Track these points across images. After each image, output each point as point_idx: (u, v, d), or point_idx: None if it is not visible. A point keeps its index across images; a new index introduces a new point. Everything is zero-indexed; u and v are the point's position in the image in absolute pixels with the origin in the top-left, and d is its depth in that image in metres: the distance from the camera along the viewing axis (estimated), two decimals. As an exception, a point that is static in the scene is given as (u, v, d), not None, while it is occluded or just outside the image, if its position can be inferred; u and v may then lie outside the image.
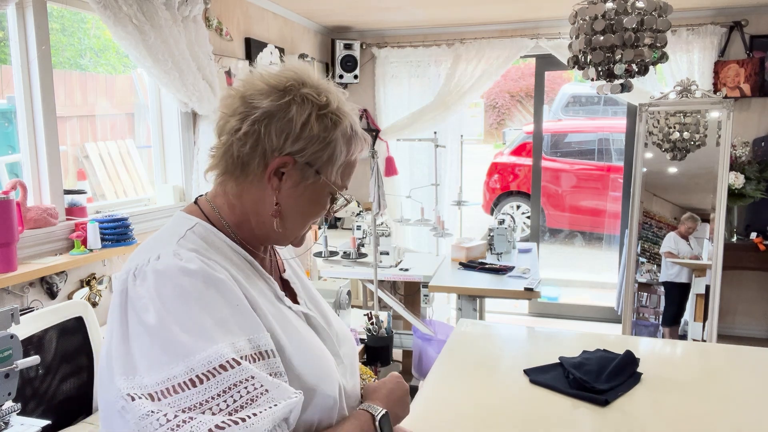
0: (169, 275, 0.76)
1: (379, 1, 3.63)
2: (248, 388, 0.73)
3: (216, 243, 0.86)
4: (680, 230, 3.60)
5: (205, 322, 0.74)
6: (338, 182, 0.89)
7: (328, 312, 1.03)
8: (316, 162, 0.86)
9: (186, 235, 0.84)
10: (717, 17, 3.89)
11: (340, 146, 0.86)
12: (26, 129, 2.21)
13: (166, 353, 0.72)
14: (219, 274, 0.79)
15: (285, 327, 0.85)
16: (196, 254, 0.80)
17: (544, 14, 3.99)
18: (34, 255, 2.13)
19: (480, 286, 3.03)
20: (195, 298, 0.75)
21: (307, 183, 0.87)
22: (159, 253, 0.79)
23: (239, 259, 0.88)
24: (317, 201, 0.89)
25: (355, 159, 0.91)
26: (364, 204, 4.39)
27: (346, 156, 0.88)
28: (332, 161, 0.87)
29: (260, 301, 0.84)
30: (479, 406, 1.47)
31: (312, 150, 0.85)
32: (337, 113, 0.86)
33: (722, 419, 1.39)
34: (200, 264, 0.78)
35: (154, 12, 2.45)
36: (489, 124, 11.65)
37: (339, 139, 0.86)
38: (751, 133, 3.96)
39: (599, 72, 2.32)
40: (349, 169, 0.91)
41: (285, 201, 0.87)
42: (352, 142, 0.89)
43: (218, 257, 0.83)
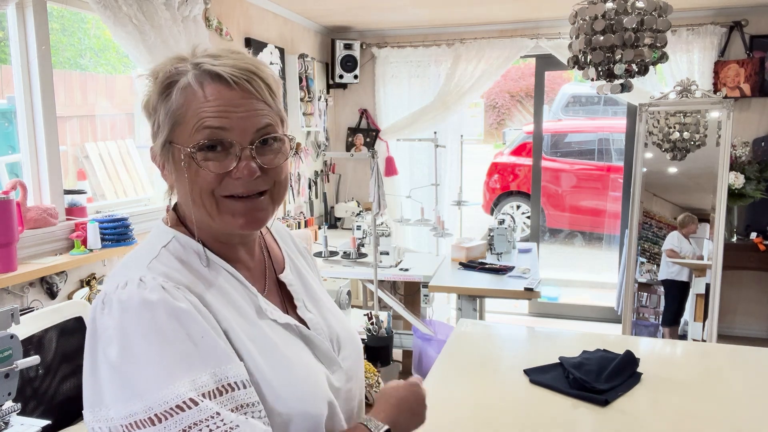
0: (132, 307, 0.72)
1: (379, 1, 3.63)
2: (210, 427, 0.69)
3: (191, 260, 0.81)
4: (682, 231, 3.60)
5: (165, 358, 0.71)
6: (182, 138, 0.78)
7: (329, 313, 0.97)
8: (159, 134, 0.81)
9: (159, 255, 0.80)
10: (717, 17, 3.89)
11: (159, 107, 0.80)
12: (26, 129, 2.21)
13: (125, 389, 0.70)
14: (182, 304, 0.74)
15: (263, 347, 0.80)
16: (164, 279, 0.75)
17: (544, 14, 3.99)
18: (34, 255, 2.13)
19: (480, 286, 3.03)
20: (156, 333, 0.71)
21: (169, 156, 0.81)
22: (127, 279, 0.75)
23: (217, 273, 0.82)
24: (183, 168, 0.79)
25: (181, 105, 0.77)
26: (364, 204, 4.39)
27: (167, 108, 0.78)
28: (164, 124, 0.79)
29: (233, 324, 0.79)
30: (479, 406, 1.47)
31: (151, 129, 0.83)
32: (154, 79, 0.81)
33: (722, 419, 1.39)
34: (162, 294, 0.73)
35: (154, 12, 2.46)
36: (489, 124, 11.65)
37: (159, 100, 0.79)
38: (751, 133, 3.96)
39: (599, 72, 2.32)
40: (185, 118, 0.77)
41: (175, 186, 0.85)
42: (169, 91, 0.79)
43: (190, 277, 0.79)
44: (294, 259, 0.99)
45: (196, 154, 0.76)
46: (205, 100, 0.76)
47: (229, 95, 0.76)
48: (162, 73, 0.78)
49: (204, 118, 0.75)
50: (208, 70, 0.76)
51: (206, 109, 0.76)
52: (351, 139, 4.63)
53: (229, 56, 0.78)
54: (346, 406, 0.91)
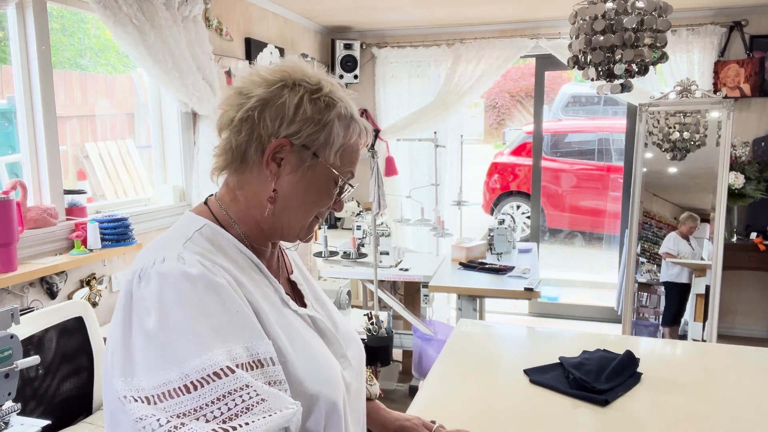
0: (171, 279, 0.76)
1: (379, 1, 3.63)
2: (243, 397, 0.72)
3: (222, 245, 0.86)
4: (681, 230, 3.60)
5: (202, 328, 0.74)
6: (338, 165, 0.88)
7: (334, 314, 1.02)
8: (313, 144, 0.85)
9: (193, 237, 0.84)
10: (717, 17, 3.89)
11: (336, 128, 0.86)
12: (26, 129, 2.21)
13: (162, 358, 0.72)
14: (220, 279, 0.78)
15: (289, 332, 0.85)
16: (200, 257, 0.80)
17: (544, 14, 3.99)
18: (34, 255, 2.13)
19: (480, 286, 3.03)
20: (194, 304, 0.75)
21: (306, 167, 0.86)
22: (164, 255, 0.79)
23: (245, 261, 0.87)
24: (319, 187, 0.88)
25: (354, 143, 0.90)
26: (364, 204, 4.39)
27: (343, 138, 0.87)
28: (329, 143, 0.86)
29: (264, 306, 0.84)
30: (479, 406, 1.47)
31: (307, 132, 0.85)
32: (331, 96, 0.86)
33: (722, 419, 1.39)
34: (201, 269, 0.78)
35: (154, 12, 2.46)
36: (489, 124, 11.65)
37: (335, 121, 0.86)
38: (751, 133, 3.96)
39: (599, 72, 2.32)
40: (349, 152, 0.89)
41: (285, 188, 0.87)
42: (350, 125, 0.89)
43: (223, 260, 0.83)
44: (298, 263, 1.06)
45: (340, 179, 0.89)
46: (359, 148, 0.92)
47: (361, 152, 0.94)
48: (346, 105, 0.89)
49: (353, 160, 0.91)
50: (361, 132, 0.92)
51: (356, 156, 0.92)
52: (351, 139, 4.63)
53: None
54: (357, 405, 0.95)
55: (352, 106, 0.90)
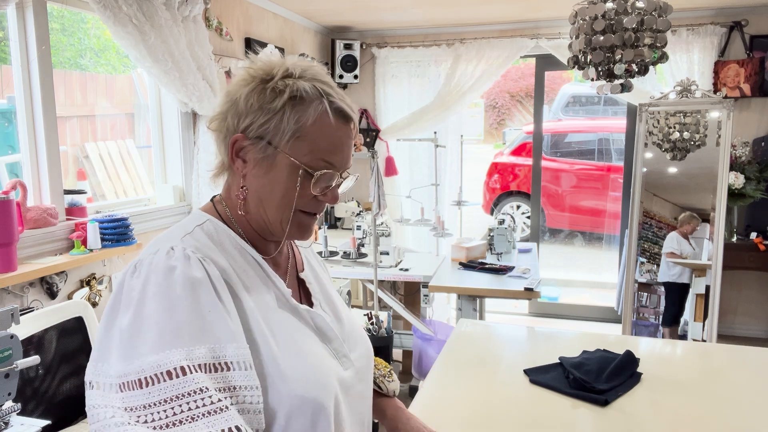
0: (156, 272, 0.77)
1: (379, 1, 3.63)
2: (190, 405, 0.70)
3: (222, 240, 0.87)
4: (682, 230, 3.60)
5: (169, 324, 0.74)
6: (301, 152, 0.84)
7: (343, 313, 1.01)
8: (266, 134, 0.83)
9: (193, 231, 0.85)
10: (717, 17, 3.89)
11: (287, 113, 0.83)
12: (26, 129, 2.21)
13: (128, 349, 0.73)
14: (197, 273, 0.78)
15: (279, 332, 0.84)
16: (193, 251, 0.80)
17: (544, 14, 3.99)
18: (34, 255, 2.13)
19: (480, 286, 3.03)
20: (167, 299, 0.75)
21: (266, 159, 0.84)
22: (159, 247, 0.81)
23: (244, 258, 0.87)
24: (283, 178, 0.85)
25: (316, 125, 0.84)
26: (364, 204, 4.39)
27: (296, 122, 0.83)
28: (280, 130, 0.83)
29: (253, 305, 0.83)
30: (479, 406, 1.47)
31: (258, 122, 0.83)
32: (283, 82, 0.83)
33: (722, 419, 1.39)
34: (184, 263, 0.78)
35: (154, 12, 2.46)
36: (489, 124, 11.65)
37: (285, 106, 0.83)
38: (751, 133, 3.96)
39: (599, 72, 2.32)
40: (312, 137, 0.84)
41: (252, 183, 0.86)
42: (306, 107, 0.83)
43: (219, 255, 0.83)
44: (310, 260, 1.05)
45: (310, 176, 0.84)
46: (332, 131, 0.85)
47: (345, 134, 0.87)
48: (300, 86, 0.83)
49: (324, 147, 0.84)
50: (340, 108, 0.85)
51: (329, 141, 0.85)
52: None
53: (339, 91, 0.88)
54: (358, 406, 0.94)
55: (308, 87, 0.84)
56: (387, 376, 1.12)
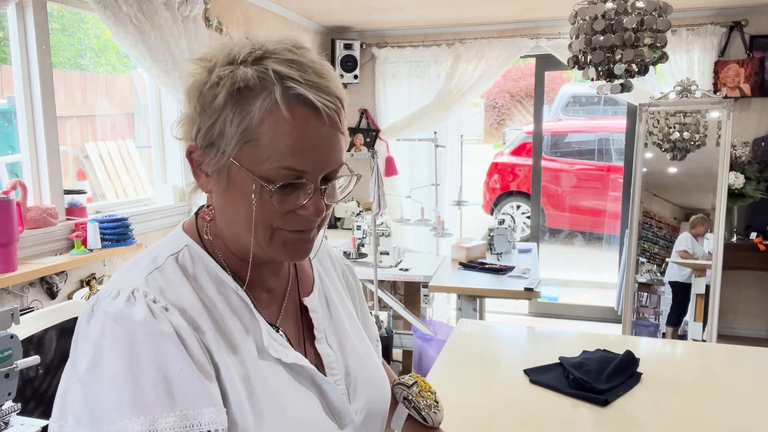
0: (113, 322, 0.65)
1: (379, 1, 3.63)
2: None
3: (198, 275, 0.73)
4: (694, 231, 3.59)
5: (128, 388, 0.62)
6: (256, 159, 0.66)
7: (352, 351, 0.84)
8: (214, 140, 0.68)
9: (164, 266, 0.72)
10: (717, 17, 3.89)
11: (227, 112, 0.66)
12: (26, 129, 2.21)
13: (85, 412, 0.63)
14: (165, 327, 0.65)
15: (255, 390, 0.70)
16: (157, 295, 0.68)
17: (544, 14, 3.99)
18: (34, 255, 2.13)
19: (480, 286, 3.03)
20: (128, 357, 0.63)
21: (221, 169, 0.69)
22: (120, 287, 0.68)
23: (223, 296, 0.73)
24: (242, 193, 0.68)
25: (269, 121, 0.65)
26: (364, 204, 4.39)
27: (239, 123, 0.66)
28: (224, 135, 0.67)
29: (227, 359, 0.69)
30: (479, 406, 1.47)
31: (204, 127, 0.68)
32: (222, 71, 0.66)
33: (722, 419, 1.39)
34: (147, 314, 0.65)
35: (154, 12, 2.46)
36: (489, 124, 11.65)
37: (226, 104, 0.66)
38: (751, 133, 3.96)
39: (599, 72, 2.32)
40: (267, 138, 0.65)
41: (217, 201, 0.73)
42: (250, 101, 0.65)
43: (191, 296, 0.70)
44: (326, 281, 0.89)
45: (271, 191, 0.67)
46: (291, 128, 0.65)
47: (316, 128, 0.67)
48: (240, 75, 0.66)
49: (284, 150, 0.66)
50: (301, 95, 0.66)
51: (289, 141, 0.65)
52: (351, 139, 4.64)
53: (310, 66, 0.68)
54: None
55: (252, 74, 0.66)
56: (433, 406, 0.95)
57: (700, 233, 3.58)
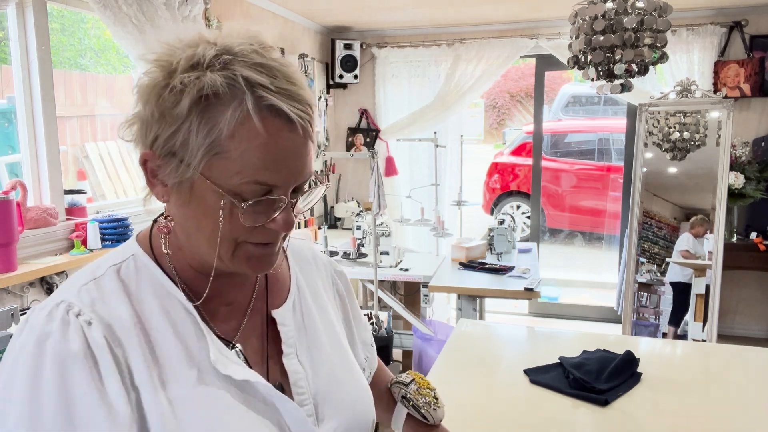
0: (29, 340, 0.61)
1: (379, 1, 3.63)
2: None
3: (142, 287, 0.68)
4: (694, 232, 3.59)
5: (26, 413, 0.58)
6: (220, 175, 0.62)
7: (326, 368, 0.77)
8: (176, 150, 0.63)
9: (103, 276, 0.67)
10: (717, 17, 3.89)
11: (194, 123, 0.61)
12: (26, 129, 2.21)
13: None
14: (73, 345, 0.60)
15: (188, 414, 0.64)
16: (81, 311, 0.63)
17: (544, 14, 3.99)
18: (34, 255, 2.13)
19: (480, 286, 3.03)
20: (31, 379, 0.59)
21: (183, 182, 0.64)
22: (51, 300, 0.65)
23: (170, 311, 0.68)
24: (208, 209, 0.64)
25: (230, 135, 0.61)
26: (364, 204, 4.39)
27: (207, 135, 0.61)
28: (188, 146, 0.62)
29: (156, 380, 0.64)
30: (479, 406, 1.47)
31: (164, 135, 0.63)
32: (187, 77, 0.61)
33: (722, 419, 1.39)
34: (59, 331, 0.61)
35: (154, 12, 2.46)
36: (489, 124, 11.66)
37: (191, 113, 0.61)
38: (751, 133, 3.96)
39: (599, 72, 2.32)
40: (229, 153, 0.61)
41: (176, 213, 0.68)
42: (214, 112, 0.61)
43: (122, 310, 0.65)
44: (305, 290, 0.83)
45: (243, 208, 0.63)
46: (265, 143, 0.61)
47: (289, 140, 0.63)
48: (207, 82, 0.61)
49: (260, 168, 0.62)
50: (274, 106, 0.62)
51: (264, 157, 0.62)
52: (351, 139, 4.64)
53: (279, 71, 0.64)
54: None
55: (221, 81, 0.61)
56: (433, 403, 0.92)
57: (699, 234, 3.58)
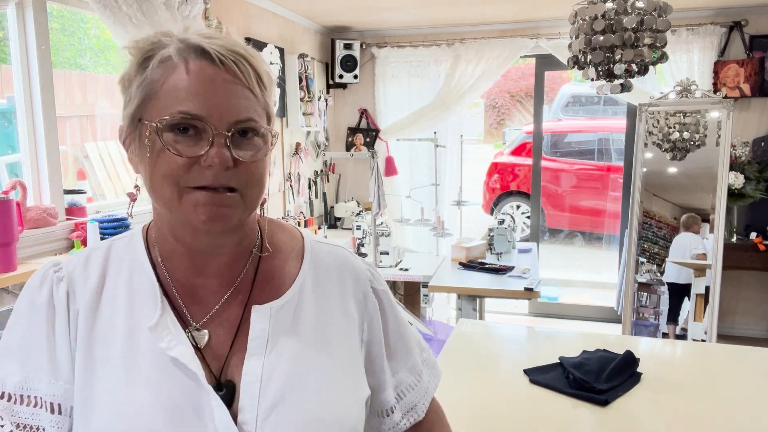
0: (25, 289, 0.74)
1: (379, 1, 3.63)
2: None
3: (124, 260, 0.75)
4: (693, 230, 3.59)
5: (4, 342, 0.72)
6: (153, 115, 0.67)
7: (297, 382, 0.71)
8: (128, 111, 0.70)
9: (98, 248, 0.77)
10: (717, 17, 3.89)
11: (133, 80, 0.69)
12: (26, 129, 2.21)
13: None
14: (40, 298, 0.72)
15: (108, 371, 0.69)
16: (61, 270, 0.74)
17: (544, 14, 3.99)
18: (33, 255, 2.13)
19: (480, 286, 3.03)
20: (13, 318, 0.73)
21: (134, 133, 0.71)
22: (54, 261, 0.77)
23: (133, 281, 0.74)
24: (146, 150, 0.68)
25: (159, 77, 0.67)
26: (364, 204, 4.39)
27: (141, 82, 0.68)
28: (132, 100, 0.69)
29: (96, 339, 0.70)
30: (479, 406, 1.47)
31: (124, 105, 0.71)
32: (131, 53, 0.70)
33: (722, 419, 1.39)
34: (37, 285, 0.73)
35: (153, 12, 2.46)
36: (489, 124, 11.65)
37: (134, 74, 0.69)
38: (750, 133, 3.96)
39: (599, 72, 2.32)
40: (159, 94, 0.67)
41: (140, 173, 0.73)
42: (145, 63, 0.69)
43: (93, 276, 0.73)
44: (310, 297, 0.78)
45: (164, 134, 0.66)
46: (186, 75, 0.66)
47: (212, 74, 0.66)
48: (143, 42, 0.69)
49: (180, 95, 0.65)
50: (194, 45, 0.67)
51: (184, 86, 0.66)
52: (351, 139, 4.64)
53: (222, 38, 0.69)
54: None
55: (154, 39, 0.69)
56: None
57: (697, 231, 3.58)
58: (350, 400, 0.75)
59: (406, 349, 0.85)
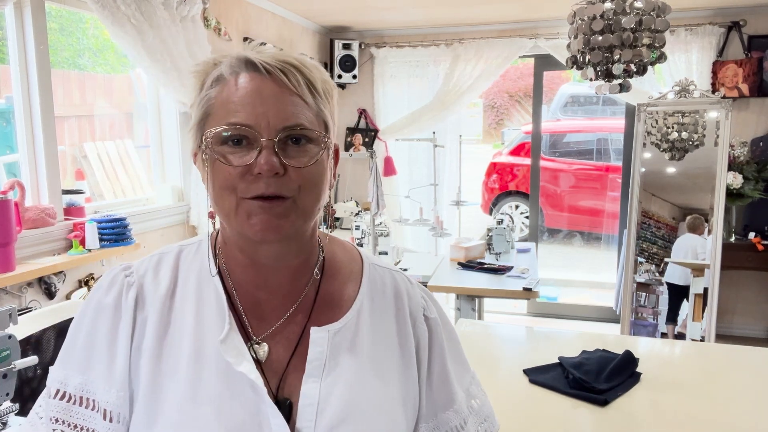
0: (93, 289, 0.76)
1: (378, 1, 3.62)
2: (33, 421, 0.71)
3: (192, 268, 0.76)
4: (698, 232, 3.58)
5: (68, 343, 0.73)
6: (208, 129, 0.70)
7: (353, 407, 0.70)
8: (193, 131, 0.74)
9: (168, 252, 0.77)
10: (715, 17, 3.90)
11: (194, 101, 0.73)
12: (24, 129, 2.21)
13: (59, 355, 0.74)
14: (108, 299, 0.72)
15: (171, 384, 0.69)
16: (133, 272, 0.74)
17: (543, 14, 3.99)
18: (32, 255, 2.13)
19: (479, 286, 3.03)
20: (79, 318, 0.74)
21: (198, 152, 0.73)
22: (127, 263, 0.78)
23: (200, 290, 0.74)
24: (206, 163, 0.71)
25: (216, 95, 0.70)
26: (363, 204, 4.39)
27: (200, 102, 0.72)
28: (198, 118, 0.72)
29: (166, 349, 0.70)
30: (478, 406, 1.47)
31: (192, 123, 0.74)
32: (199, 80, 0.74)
33: (721, 419, 1.39)
34: (106, 286, 0.74)
35: (152, 12, 2.45)
36: (488, 124, 11.66)
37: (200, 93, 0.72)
38: (749, 133, 3.96)
39: (598, 72, 2.32)
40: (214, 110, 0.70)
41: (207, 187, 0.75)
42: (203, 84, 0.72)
43: (163, 282, 0.74)
44: (367, 319, 0.77)
45: (218, 146, 0.68)
46: (235, 88, 0.68)
47: (260, 84, 0.68)
48: (202, 65, 0.73)
49: (230, 108, 0.68)
50: (243, 59, 0.70)
51: (234, 99, 0.68)
52: (350, 139, 4.63)
53: (273, 50, 0.72)
54: None
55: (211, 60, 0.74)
56: None
57: (701, 233, 3.58)
58: (402, 427, 0.75)
59: (451, 396, 0.82)
